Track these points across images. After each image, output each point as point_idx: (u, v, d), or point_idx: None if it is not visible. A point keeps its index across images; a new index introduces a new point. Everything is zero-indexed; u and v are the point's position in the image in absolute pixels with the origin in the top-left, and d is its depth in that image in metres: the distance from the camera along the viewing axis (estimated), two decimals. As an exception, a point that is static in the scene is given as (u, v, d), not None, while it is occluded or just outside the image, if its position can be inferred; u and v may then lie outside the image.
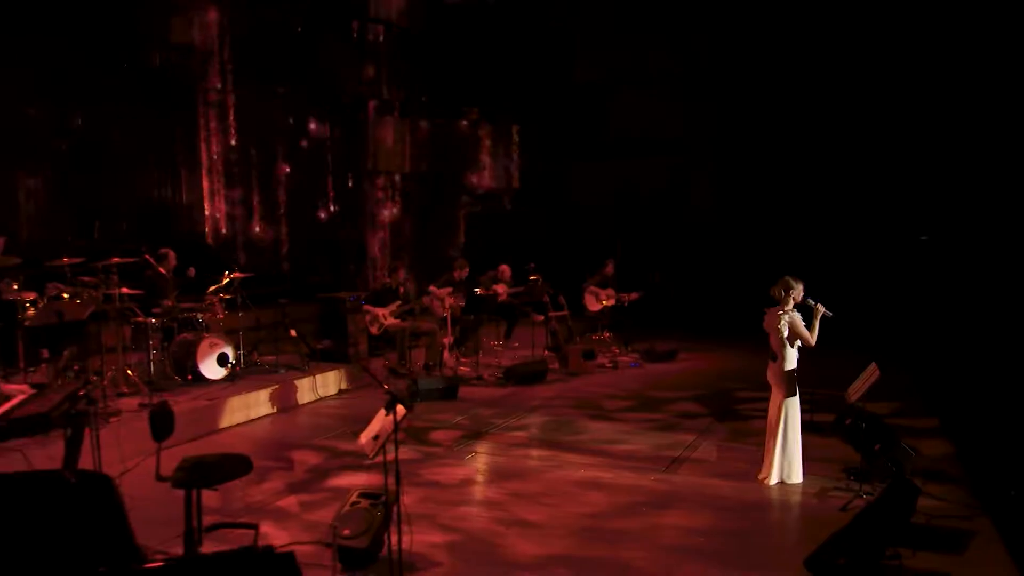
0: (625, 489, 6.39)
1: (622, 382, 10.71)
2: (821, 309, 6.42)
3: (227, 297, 9.25)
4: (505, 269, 12.34)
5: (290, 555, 3.06)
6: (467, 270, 11.52)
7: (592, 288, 12.82)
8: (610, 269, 12.83)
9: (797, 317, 6.46)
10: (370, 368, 6.93)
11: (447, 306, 10.86)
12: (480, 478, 6.74)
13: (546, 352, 12.14)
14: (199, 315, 8.82)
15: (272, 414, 8.71)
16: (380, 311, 10.35)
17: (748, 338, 9.02)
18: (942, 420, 8.36)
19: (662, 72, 16.09)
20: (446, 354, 10.86)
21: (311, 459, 7.13)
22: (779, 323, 6.40)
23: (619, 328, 12.73)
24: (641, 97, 16.24)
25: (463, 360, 11.30)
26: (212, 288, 9.19)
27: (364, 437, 6.80)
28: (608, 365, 11.78)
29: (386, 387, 4.89)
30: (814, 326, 6.45)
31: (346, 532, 5.09)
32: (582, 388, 10.28)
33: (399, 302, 10.48)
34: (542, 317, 12.46)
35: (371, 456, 6.65)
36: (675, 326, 14.64)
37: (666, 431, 7.97)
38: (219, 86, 11.59)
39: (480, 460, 7.19)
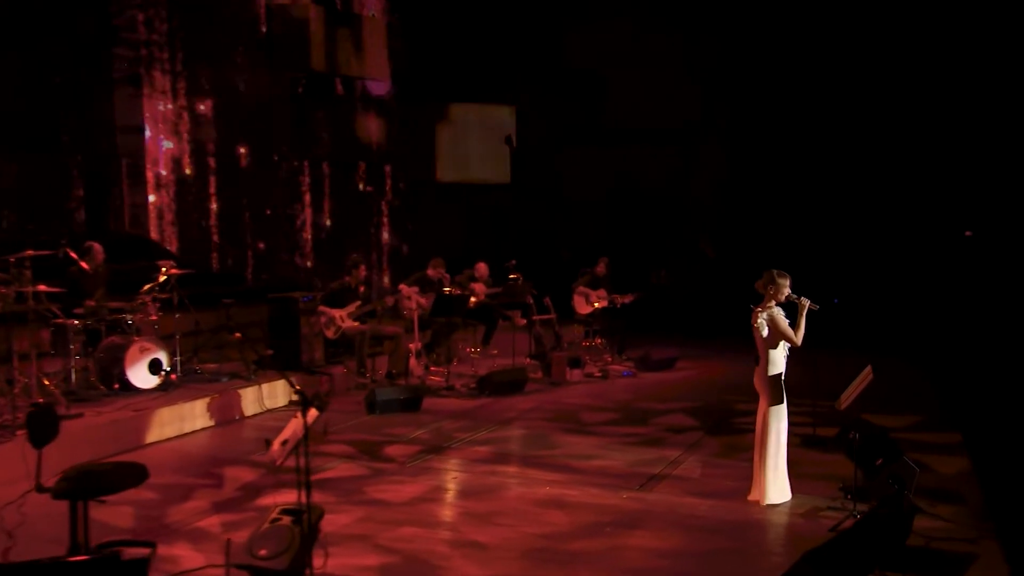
0: (591, 508, 6.40)
1: (610, 393, 10.74)
2: (806, 303, 6.40)
3: (162, 297, 9.26)
4: (482, 267, 12.36)
5: (143, 561, 3.05)
6: (442, 268, 11.54)
7: (581, 289, 12.81)
8: (602, 268, 12.81)
9: (779, 314, 6.44)
10: (293, 367, 6.91)
11: (415, 307, 10.88)
12: (432, 496, 6.75)
13: (528, 360, 12.15)
14: (129, 316, 8.82)
15: (210, 427, 8.71)
16: (337, 312, 10.36)
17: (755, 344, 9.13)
18: (966, 435, 8.34)
19: (661, 56, 16.17)
20: (413, 361, 10.86)
21: (245, 476, 7.13)
22: (756, 322, 6.41)
23: (611, 333, 12.72)
24: (639, 82, 16.31)
25: (433, 368, 11.31)
26: (146, 287, 9.19)
27: (276, 443, 6.81)
28: (597, 375, 11.77)
29: (297, 387, 4.89)
30: (799, 323, 6.43)
31: (263, 552, 5.07)
32: (564, 399, 10.35)
33: (358, 302, 10.48)
34: (524, 321, 12.48)
35: (279, 462, 6.66)
36: (676, 331, 14.64)
37: (649, 446, 8.09)
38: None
39: (436, 476, 7.22)
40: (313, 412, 4.85)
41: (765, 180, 16.10)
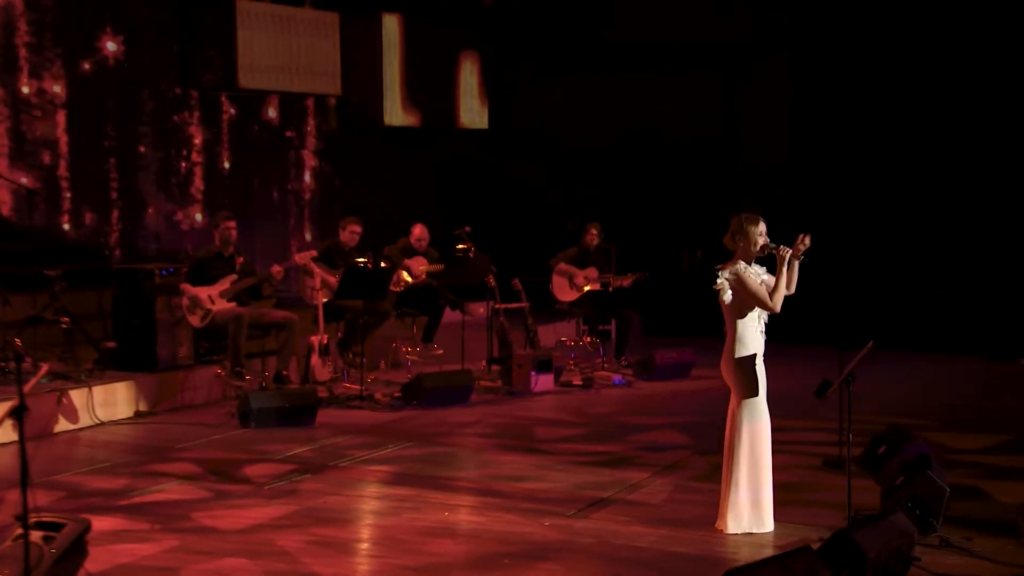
0: (494, 537, 6.73)
1: (588, 405, 10.95)
2: (786, 253, 6.47)
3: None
4: (421, 232, 12.48)
5: None
6: (358, 229, 11.69)
7: (563, 266, 12.87)
8: (593, 238, 12.90)
9: (746, 273, 6.50)
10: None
11: (319, 286, 11.02)
12: (282, 523, 6.96)
13: (483, 363, 12.28)
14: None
15: (11, 443, 8.91)
16: (204, 291, 10.52)
17: (814, 343, 9.53)
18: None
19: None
20: (315, 360, 11.00)
21: (36, 499, 7.29)
22: (716, 285, 6.50)
23: (597, 322, 12.81)
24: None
25: (347, 369, 11.47)
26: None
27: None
28: (577, 383, 11.92)
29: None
30: (779, 281, 6.48)
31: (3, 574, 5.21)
32: (520, 412, 10.62)
33: (234, 276, 10.64)
34: (482, 309, 12.59)
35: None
36: (707, 327, 14.67)
37: (610, 466, 8.49)
38: None
39: (299, 500, 7.47)
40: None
41: (843, 122, 16.06)
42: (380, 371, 12.37)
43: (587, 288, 12.79)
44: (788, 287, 6.62)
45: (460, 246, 12.26)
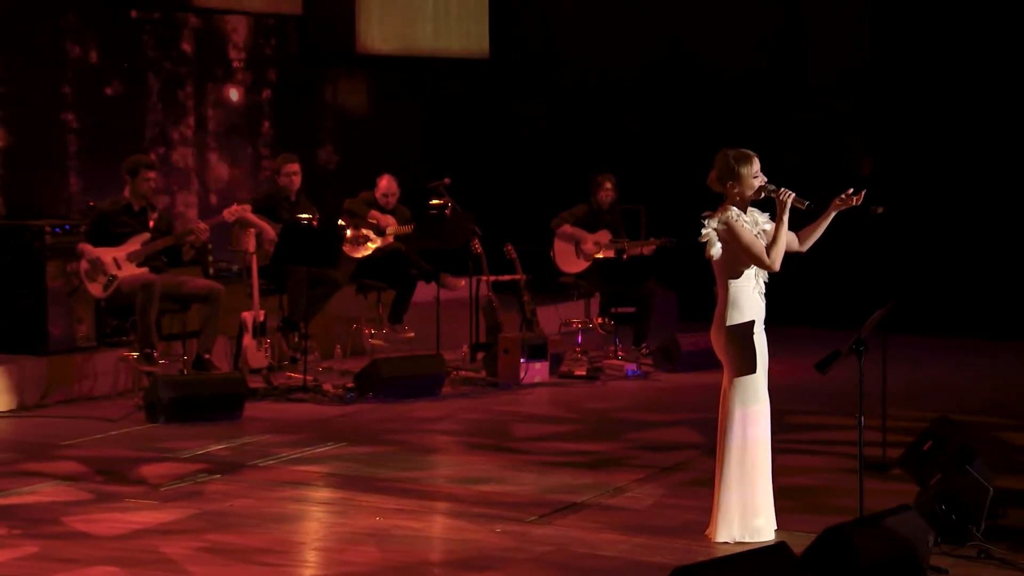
0: (430, 544, 7.12)
1: (587, 399, 11.23)
2: (789, 198, 6.61)
3: None
4: (388, 185, 12.67)
5: None
6: (297, 174, 11.91)
7: (567, 229, 13.03)
8: (608, 191, 13.06)
9: (738, 221, 6.65)
10: None
11: (253, 249, 11.23)
12: (172, 528, 7.25)
13: (464, 349, 12.48)
14: None
15: None
16: (108, 253, 10.75)
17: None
18: None
19: None
20: (248, 342, 11.22)
21: None
22: (702, 236, 6.67)
23: (610, 298, 12.99)
24: None
25: (296, 355, 11.67)
26: None
27: None
28: (579, 374, 12.15)
29: None
30: (779, 232, 6.63)
31: None
32: (500, 406, 10.95)
33: (146, 236, 10.87)
34: (463, 282, 12.78)
35: None
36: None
37: (594, 468, 8.82)
38: None
39: (200, 503, 7.80)
40: None
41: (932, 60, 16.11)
42: (336, 359, 12.60)
43: (598, 256, 12.96)
44: (815, 234, 6.83)
45: (434, 201, 12.46)
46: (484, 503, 7.81)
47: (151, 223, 10.94)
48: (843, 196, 6.79)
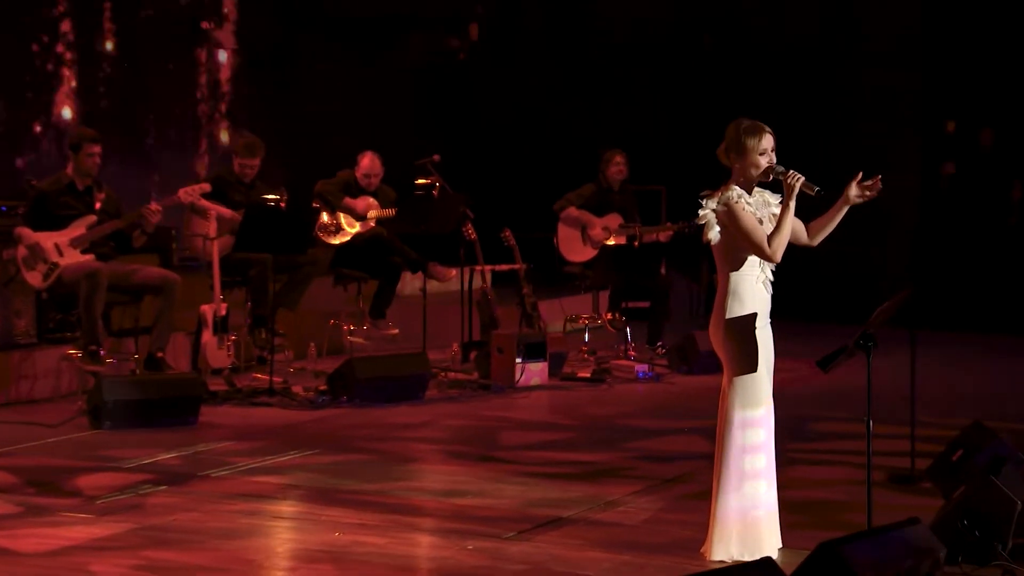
0: (392, 563, 7.07)
1: (588, 403, 11.39)
2: (798, 182, 6.62)
3: None
4: (371, 164, 12.81)
5: None
6: (257, 159, 12.05)
7: (573, 212, 13.16)
8: (618, 168, 13.17)
9: (740, 203, 6.71)
10: None
11: (213, 233, 11.35)
12: (106, 544, 7.33)
13: (454, 348, 12.60)
14: None
15: None
16: (49, 238, 10.89)
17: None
18: None
19: None
20: (208, 339, 11.36)
21: None
22: (698, 218, 6.75)
23: (621, 290, 13.08)
24: None
25: (264, 353, 11.81)
26: None
27: None
28: (583, 376, 12.27)
29: None
30: (784, 218, 6.68)
31: None
32: (491, 411, 11.12)
33: (92, 218, 11.03)
34: (454, 272, 12.89)
35: None
36: (804, 306, 14.92)
37: (587, 479, 8.96)
38: None
39: (140, 517, 7.87)
40: None
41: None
42: (310, 358, 12.70)
43: (607, 243, 13.09)
44: (827, 228, 6.88)
45: (420, 181, 12.58)
46: (458, 518, 7.87)
47: (97, 204, 11.07)
48: (857, 184, 6.78)
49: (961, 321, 14.78)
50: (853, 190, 6.80)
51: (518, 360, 11.81)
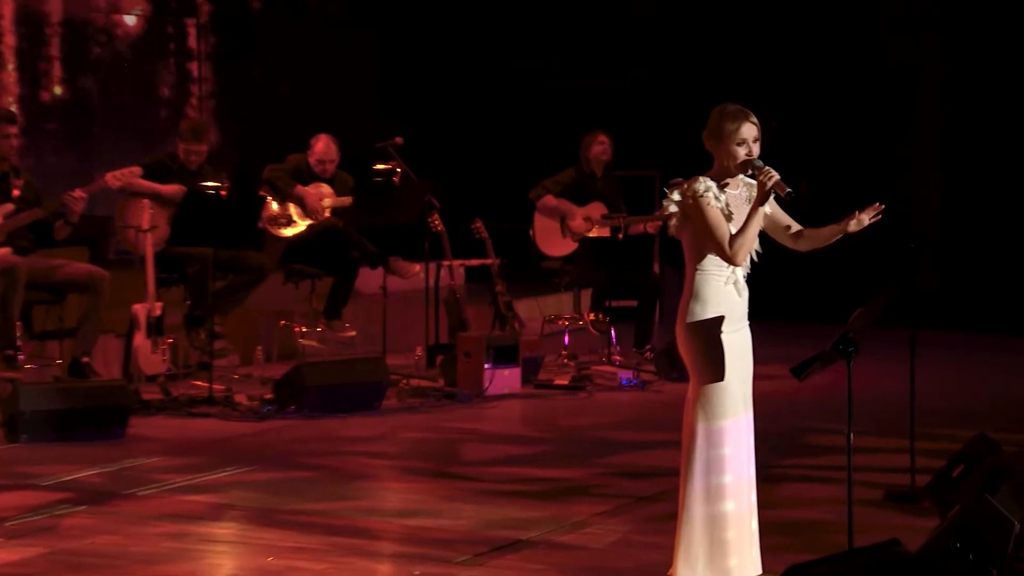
0: None
1: (564, 414, 11.48)
2: (770, 179, 6.64)
3: None
4: (326, 148, 12.89)
5: None
6: (204, 144, 12.09)
7: (550, 201, 13.23)
8: (601, 148, 13.22)
9: (707, 196, 6.73)
10: None
11: (147, 224, 11.42)
12: (17, 572, 7.35)
13: (418, 352, 12.68)
14: None
15: None
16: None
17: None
18: None
19: None
20: (140, 340, 11.41)
21: None
22: (663, 209, 6.78)
23: (604, 288, 13.15)
24: None
25: (204, 358, 11.83)
26: None
27: None
28: (559, 383, 12.37)
29: None
30: (752, 216, 6.72)
31: None
32: (455, 423, 11.21)
33: (9, 206, 11.05)
34: (418, 267, 12.97)
35: None
36: (805, 306, 14.99)
37: (554, 498, 9.01)
38: None
39: (54, 541, 7.87)
40: None
41: None
42: (257, 363, 12.78)
43: (589, 235, 13.15)
44: (818, 243, 6.94)
45: (380, 166, 12.64)
46: (408, 540, 7.90)
47: (15, 192, 11.12)
48: (861, 214, 6.84)
49: (988, 321, 14.88)
50: (863, 222, 6.85)
51: (487, 366, 11.87)
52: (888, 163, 16.49)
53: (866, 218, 6.85)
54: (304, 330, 12.79)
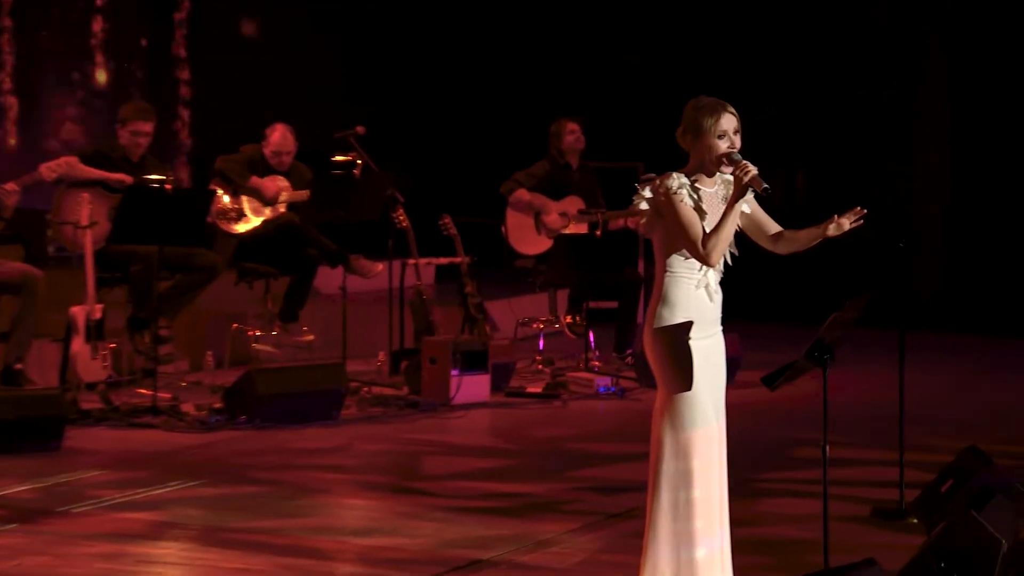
0: None
1: (536, 424, 11.58)
2: (748, 174, 6.67)
3: None
4: (282, 138, 12.92)
5: None
6: (148, 135, 12.14)
7: (523, 195, 13.27)
8: (574, 137, 13.25)
9: (680, 192, 6.77)
10: None
11: (86, 219, 11.44)
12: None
13: (381, 357, 12.73)
14: None
15: None
16: None
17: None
18: None
19: None
20: (78, 345, 11.43)
21: None
22: (636, 203, 6.82)
23: (582, 289, 13.20)
24: None
25: (148, 364, 11.86)
26: None
27: None
28: (531, 391, 12.46)
29: None
30: (726, 217, 6.77)
31: None
32: (418, 434, 11.27)
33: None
34: (381, 266, 13.01)
35: None
36: (802, 307, 15.09)
37: (519, 515, 9.07)
38: None
39: None
40: None
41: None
42: (207, 370, 12.80)
43: (565, 232, 13.20)
44: (797, 246, 6.99)
45: (339, 158, 12.68)
46: (361, 560, 7.94)
47: (-53, 187, 11.15)
48: (841, 218, 6.90)
49: (993, 323, 14.98)
50: (843, 226, 6.90)
51: (454, 372, 11.90)
52: (889, 153, 16.53)
53: (846, 222, 6.89)
54: (258, 334, 12.83)
